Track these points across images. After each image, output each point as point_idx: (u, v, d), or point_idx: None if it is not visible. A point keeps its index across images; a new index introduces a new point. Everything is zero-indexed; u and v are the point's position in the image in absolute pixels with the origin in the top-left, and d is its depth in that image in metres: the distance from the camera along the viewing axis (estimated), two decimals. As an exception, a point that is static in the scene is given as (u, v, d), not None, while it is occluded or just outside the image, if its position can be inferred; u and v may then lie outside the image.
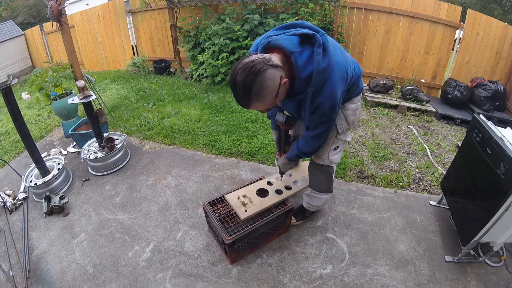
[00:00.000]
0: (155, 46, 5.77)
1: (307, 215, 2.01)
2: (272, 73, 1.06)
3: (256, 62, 1.04)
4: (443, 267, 1.73)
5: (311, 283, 1.66)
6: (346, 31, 4.30)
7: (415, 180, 2.45)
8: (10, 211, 2.32)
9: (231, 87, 1.11)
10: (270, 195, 1.81)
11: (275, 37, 1.16)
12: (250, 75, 1.03)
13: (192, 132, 3.21)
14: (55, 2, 2.14)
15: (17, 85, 6.75)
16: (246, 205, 1.71)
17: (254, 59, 1.05)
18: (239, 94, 1.09)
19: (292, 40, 1.13)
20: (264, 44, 1.18)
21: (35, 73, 5.64)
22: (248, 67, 1.04)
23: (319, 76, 1.13)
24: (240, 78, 1.05)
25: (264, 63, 1.04)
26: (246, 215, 1.66)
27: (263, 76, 1.05)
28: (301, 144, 1.48)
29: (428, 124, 3.46)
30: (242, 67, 1.05)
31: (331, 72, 1.15)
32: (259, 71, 1.04)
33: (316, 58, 1.10)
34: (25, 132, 2.28)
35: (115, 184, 2.52)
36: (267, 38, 1.20)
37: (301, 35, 1.14)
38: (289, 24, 1.24)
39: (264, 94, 1.09)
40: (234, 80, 1.07)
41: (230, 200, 1.77)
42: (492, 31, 3.86)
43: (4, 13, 13.67)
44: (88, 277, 1.75)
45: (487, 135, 1.56)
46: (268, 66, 1.05)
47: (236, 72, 1.06)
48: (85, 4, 7.39)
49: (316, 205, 1.87)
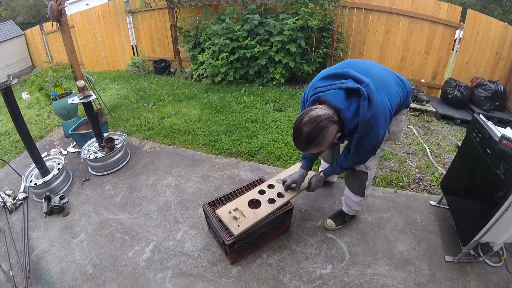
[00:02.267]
0: (155, 46, 5.77)
1: (346, 219, 2.00)
2: (333, 128, 1.21)
3: (323, 118, 1.18)
4: (443, 267, 1.73)
5: (311, 283, 1.66)
6: (346, 31, 4.30)
7: (415, 180, 2.45)
8: (10, 211, 2.32)
9: (293, 134, 1.25)
10: (263, 206, 1.74)
11: (323, 92, 1.28)
12: (316, 129, 1.18)
13: (192, 132, 3.21)
14: (55, 2, 2.14)
15: (17, 85, 6.76)
16: (238, 220, 1.63)
17: (320, 114, 1.19)
18: (301, 142, 1.23)
19: (339, 95, 1.24)
20: (313, 98, 1.31)
21: (35, 73, 5.63)
22: (316, 121, 1.18)
23: (365, 126, 1.26)
24: (306, 129, 1.19)
25: (329, 120, 1.19)
26: (239, 231, 1.58)
27: (326, 131, 1.19)
28: (341, 161, 1.59)
29: (428, 124, 3.46)
30: (309, 120, 1.19)
31: (376, 120, 1.26)
32: (325, 127, 1.18)
33: (362, 110, 1.22)
34: (25, 132, 2.28)
35: (115, 184, 2.52)
36: (314, 89, 1.32)
37: (347, 89, 1.24)
38: (333, 74, 1.33)
39: (322, 145, 1.23)
40: (300, 130, 1.20)
41: (221, 215, 1.68)
42: (492, 31, 3.85)
43: (4, 13, 13.69)
44: (88, 277, 1.75)
45: (487, 135, 1.56)
46: (332, 123, 1.20)
47: (302, 123, 1.20)
48: (85, 4, 7.39)
49: (354, 209, 1.90)
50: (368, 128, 1.27)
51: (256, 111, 3.56)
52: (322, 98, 1.27)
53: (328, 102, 1.25)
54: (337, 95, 1.24)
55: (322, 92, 1.28)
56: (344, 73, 1.29)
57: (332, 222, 1.97)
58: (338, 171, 1.66)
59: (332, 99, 1.24)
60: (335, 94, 1.25)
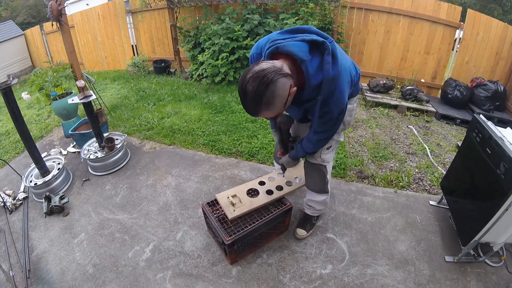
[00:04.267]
0: (155, 46, 5.77)
1: (313, 222, 1.99)
2: (283, 82, 1.02)
3: (268, 71, 1.00)
4: (443, 267, 1.73)
5: (311, 283, 1.66)
6: (346, 31, 4.30)
7: (415, 180, 2.45)
8: (10, 211, 2.32)
9: (240, 96, 1.07)
10: (261, 195, 1.81)
11: (283, 42, 1.11)
12: (261, 84, 0.99)
13: (192, 132, 3.21)
14: (55, 2, 2.14)
15: (17, 85, 6.75)
16: (234, 205, 1.71)
17: (265, 68, 1.01)
18: (249, 103, 1.06)
19: (302, 47, 1.08)
20: (272, 49, 1.13)
21: (35, 73, 5.63)
22: (259, 76, 1.00)
23: (328, 84, 1.12)
24: (251, 87, 1.01)
25: (276, 72, 1.00)
26: (233, 215, 1.66)
27: (274, 85, 1.01)
28: (305, 145, 1.50)
29: (428, 124, 3.46)
30: (253, 76, 1.00)
31: (339, 80, 1.15)
32: (271, 80, 1.00)
33: (326, 66, 1.09)
34: (25, 132, 2.28)
35: (115, 184, 2.52)
36: (273, 42, 1.14)
37: (310, 41, 1.10)
38: (295, 29, 1.19)
39: (274, 103, 1.06)
40: (245, 89, 1.02)
41: (219, 199, 1.77)
42: (492, 31, 3.85)
43: (4, 13, 13.69)
44: (88, 277, 1.75)
45: (487, 135, 1.56)
46: (280, 76, 1.01)
47: (246, 81, 1.02)
48: (85, 4, 7.39)
49: (318, 209, 1.88)
50: (332, 88, 1.14)
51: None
52: (282, 49, 1.09)
53: (290, 53, 1.07)
54: (301, 47, 1.08)
55: (282, 42, 1.11)
56: (307, 29, 1.16)
57: (302, 230, 1.91)
58: (301, 154, 1.57)
59: (295, 49, 1.07)
60: (298, 45, 1.08)
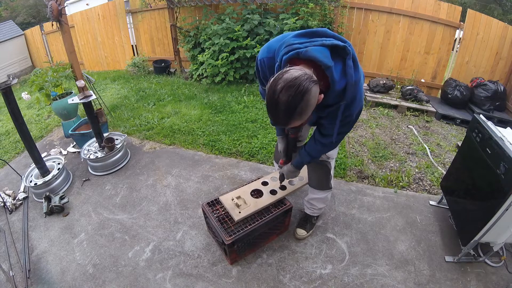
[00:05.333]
0: (155, 46, 5.77)
1: (313, 222, 1.99)
2: (315, 90, 0.97)
3: (302, 80, 0.93)
4: (443, 267, 1.73)
5: (311, 283, 1.66)
6: (346, 31, 4.29)
7: (415, 180, 2.45)
8: (10, 211, 2.32)
9: (269, 107, 1.00)
10: (265, 196, 1.82)
11: (302, 48, 1.05)
12: (297, 94, 0.93)
13: (192, 132, 3.21)
14: (55, 2, 2.14)
15: (17, 85, 6.75)
16: (240, 207, 1.71)
17: (298, 76, 0.94)
18: (280, 114, 0.98)
19: (325, 52, 1.03)
20: (291, 54, 1.06)
21: (35, 73, 5.62)
22: (294, 85, 0.93)
23: (352, 89, 1.10)
24: (284, 97, 0.93)
25: (309, 80, 0.94)
26: (240, 217, 1.66)
27: (309, 94, 0.95)
28: (312, 149, 1.44)
29: (428, 124, 3.46)
30: (286, 86, 0.93)
31: (360, 83, 1.15)
32: (307, 89, 0.93)
33: (349, 71, 1.06)
34: (25, 132, 2.28)
35: (115, 184, 2.52)
36: (289, 46, 1.08)
37: (331, 46, 1.05)
38: (310, 32, 1.13)
39: (307, 112, 1.00)
40: (277, 99, 0.95)
41: (224, 201, 1.77)
42: (492, 31, 3.85)
43: (4, 13, 13.68)
44: (88, 277, 1.75)
45: (487, 135, 1.56)
46: (313, 84, 0.96)
47: (278, 91, 0.94)
48: (85, 4, 7.39)
49: (319, 208, 1.87)
50: (354, 92, 1.12)
51: (256, 111, 3.56)
52: (304, 55, 1.03)
53: (314, 59, 1.01)
54: (323, 52, 1.02)
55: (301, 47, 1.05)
56: (323, 32, 1.11)
57: (302, 230, 1.92)
58: (306, 159, 1.50)
59: (319, 55, 1.00)
60: (320, 51, 1.02)
